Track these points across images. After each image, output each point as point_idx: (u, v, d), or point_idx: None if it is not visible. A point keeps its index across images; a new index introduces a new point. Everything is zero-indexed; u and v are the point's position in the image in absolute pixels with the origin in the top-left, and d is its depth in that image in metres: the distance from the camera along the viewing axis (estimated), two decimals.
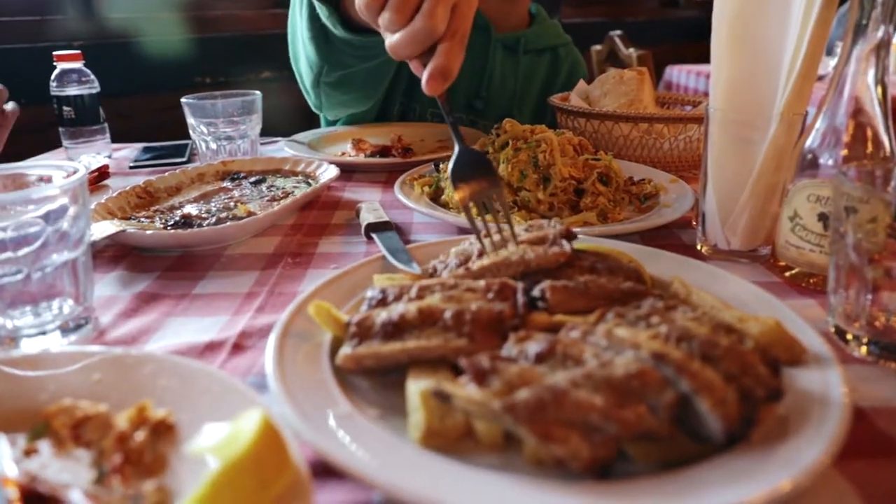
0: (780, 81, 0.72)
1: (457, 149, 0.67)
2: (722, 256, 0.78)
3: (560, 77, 1.59)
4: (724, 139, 0.75)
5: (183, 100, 1.17)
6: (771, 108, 0.73)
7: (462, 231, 0.84)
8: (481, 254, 0.59)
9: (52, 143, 1.40)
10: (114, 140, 1.39)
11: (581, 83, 1.35)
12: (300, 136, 1.39)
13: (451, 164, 0.66)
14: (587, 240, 0.70)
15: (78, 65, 1.31)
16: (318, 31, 1.13)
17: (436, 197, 0.92)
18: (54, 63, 1.31)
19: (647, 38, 4.08)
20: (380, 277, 0.59)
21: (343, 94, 1.30)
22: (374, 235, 0.76)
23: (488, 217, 0.64)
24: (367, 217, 0.82)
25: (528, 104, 1.55)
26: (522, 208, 0.83)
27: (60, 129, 1.32)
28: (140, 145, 1.46)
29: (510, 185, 0.83)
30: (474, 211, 0.66)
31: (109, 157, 1.36)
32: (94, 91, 1.33)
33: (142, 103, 2.20)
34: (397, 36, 0.66)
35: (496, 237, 0.61)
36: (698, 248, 0.81)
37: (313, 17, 1.12)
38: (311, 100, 1.40)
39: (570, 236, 0.60)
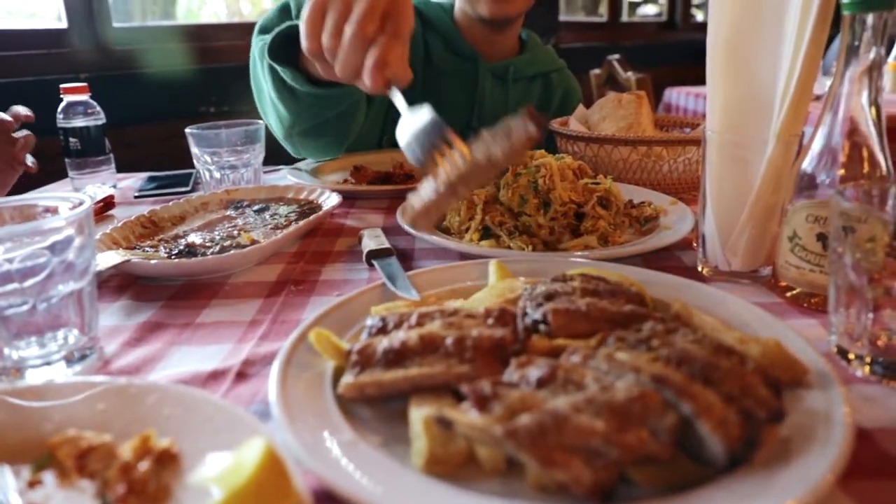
0: (776, 103, 0.73)
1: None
2: (723, 278, 0.78)
3: (553, 103, 1.59)
4: (722, 161, 0.76)
5: (187, 130, 1.18)
6: (767, 129, 0.73)
7: (464, 256, 0.84)
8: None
9: (58, 174, 1.41)
10: (120, 169, 1.41)
11: (580, 108, 1.36)
12: (302, 164, 1.40)
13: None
14: (588, 263, 0.71)
15: (84, 97, 1.34)
16: (285, 91, 1.13)
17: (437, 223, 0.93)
18: (61, 96, 1.33)
19: (646, 62, 4.12)
20: (377, 308, 0.60)
21: (314, 140, 1.30)
22: (374, 262, 0.76)
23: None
24: (368, 244, 0.83)
25: None
26: (523, 233, 0.83)
27: (66, 160, 1.34)
28: (144, 175, 1.48)
29: (510, 210, 0.84)
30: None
31: (114, 187, 1.38)
32: (99, 122, 1.35)
33: (147, 133, 2.23)
34: (338, 57, 0.69)
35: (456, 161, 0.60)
36: (699, 269, 0.81)
37: (277, 80, 1.12)
38: (287, 149, 1.41)
39: (534, 118, 0.57)
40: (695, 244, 0.88)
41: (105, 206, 1.11)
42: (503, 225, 0.84)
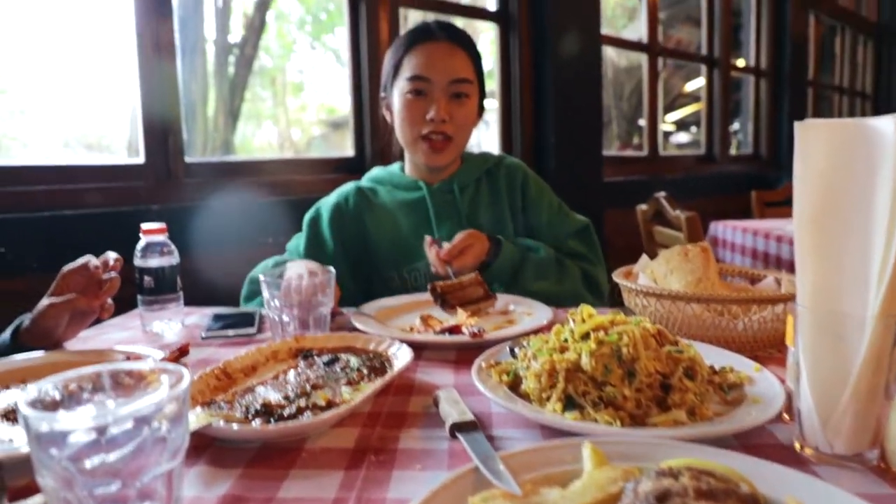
0: (871, 282, 0.72)
1: None
2: (828, 460, 0.73)
3: (501, 189, 1.79)
4: (816, 338, 0.74)
5: (260, 276, 1.21)
6: (863, 308, 0.72)
7: (544, 429, 0.81)
8: None
9: (127, 301, 1.42)
10: (185, 294, 1.43)
11: (643, 258, 1.37)
12: (366, 308, 1.41)
13: None
14: (684, 447, 0.68)
15: (162, 237, 1.39)
16: None
17: (514, 385, 0.91)
18: (140, 235, 1.39)
19: (686, 194, 4.19)
20: (474, 500, 0.57)
21: None
22: (460, 437, 0.74)
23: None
24: (449, 412, 0.80)
25: (480, 224, 1.73)
26: (609, 405, 0.80)
27: (139, 297, 1.38)
28: (210, 312, 1.51)
29: (594, 379, 0.81)
30: None
31: (181, 323, 1.40)
32: (174, 262, 1.39)
33: (212, 261, 2.31)
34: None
35: None
36: (797, 448, 0.76)
37: None
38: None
39: None
40: (787, 417, 0.84)
41: (180, 354, 1.12)
42: (587, 395, 0.81)
